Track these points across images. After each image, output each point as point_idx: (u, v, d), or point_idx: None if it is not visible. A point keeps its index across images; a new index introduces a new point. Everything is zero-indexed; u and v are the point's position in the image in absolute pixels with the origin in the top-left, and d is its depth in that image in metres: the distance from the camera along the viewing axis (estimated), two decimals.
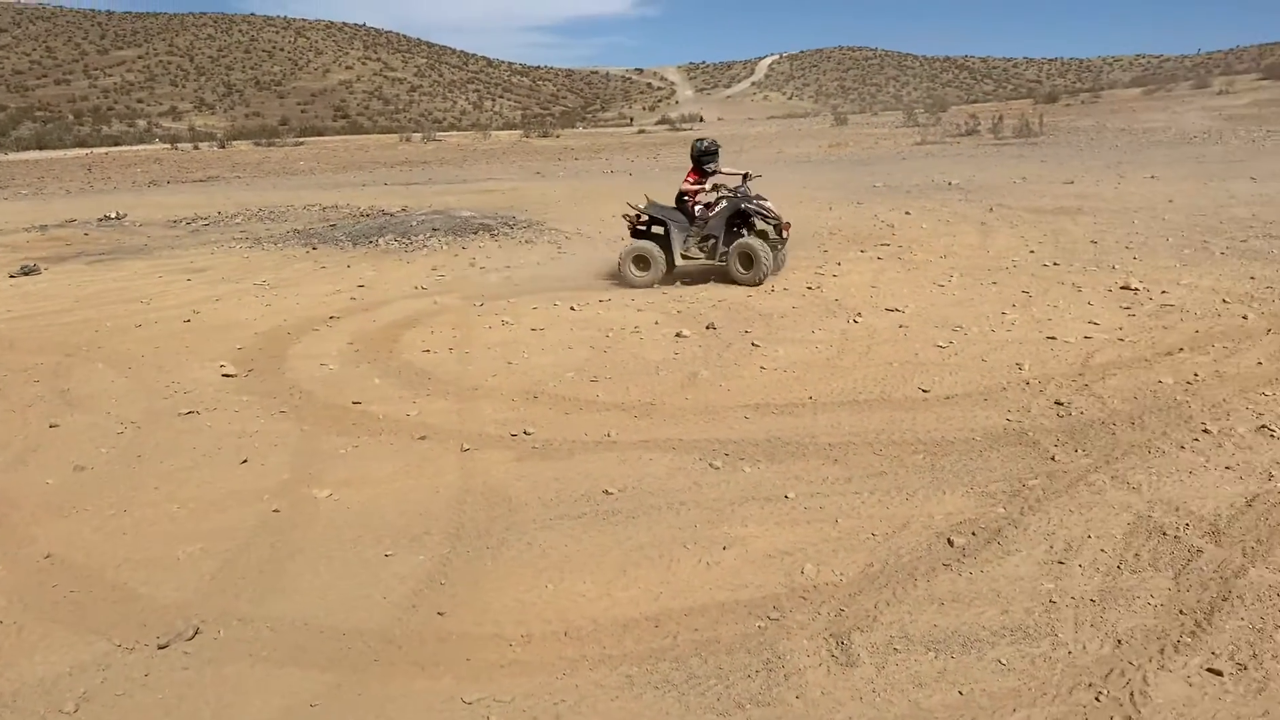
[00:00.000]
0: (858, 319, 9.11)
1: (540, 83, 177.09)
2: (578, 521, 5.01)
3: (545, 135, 63.76)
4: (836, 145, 40.07)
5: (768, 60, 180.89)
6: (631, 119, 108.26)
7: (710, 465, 5.70)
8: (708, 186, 11.64)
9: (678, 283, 11.25)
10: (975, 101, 79.95)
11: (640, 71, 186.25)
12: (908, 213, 16.09)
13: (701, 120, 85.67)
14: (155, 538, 4.98)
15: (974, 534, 4.66)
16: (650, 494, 5.32)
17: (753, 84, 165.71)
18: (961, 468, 5.54)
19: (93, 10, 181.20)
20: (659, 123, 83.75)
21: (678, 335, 8.80)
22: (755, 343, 8.41)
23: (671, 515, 5.03)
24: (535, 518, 5.06)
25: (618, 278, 11.52)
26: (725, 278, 11.17)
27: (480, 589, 4.31)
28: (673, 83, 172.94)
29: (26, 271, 13.97)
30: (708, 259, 11.34)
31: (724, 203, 11.34)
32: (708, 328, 9.01)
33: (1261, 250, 11.51)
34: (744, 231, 11.17)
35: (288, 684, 3.64)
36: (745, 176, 11.58)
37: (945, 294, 10.08)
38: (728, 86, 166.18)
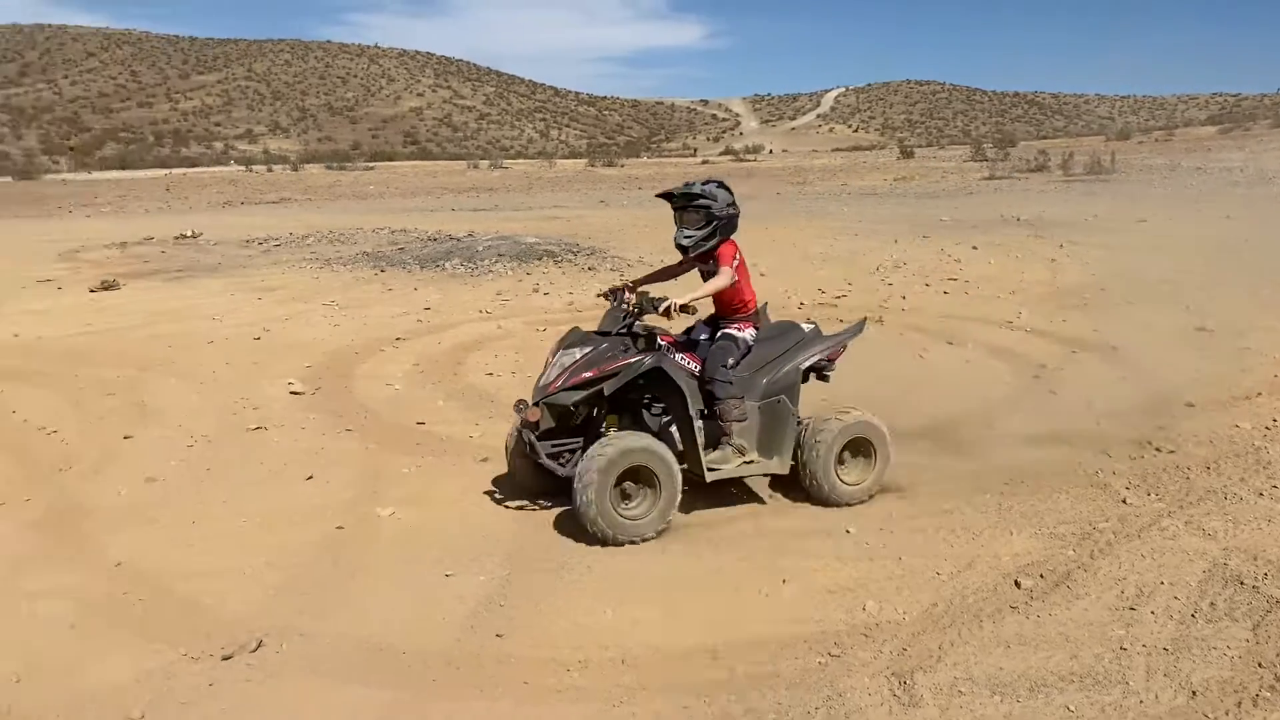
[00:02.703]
0: (923, 354, 9.00)
1: (606, 112, 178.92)
2: (638, 548, 4.99)
3: (610, 164, 64.30)
4: (902, 179, 39.80)
5: (834, 93, 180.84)
6: (695, 150, 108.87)
7: (771, 495, 5.65)
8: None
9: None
10: (1045, 137, 79.09)
11: (705, 103, 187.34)
12: (975, 248, 15.91)
13: (770, 152, 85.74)
14: (222, 550, 5.07)
15: (1042, 576, 4.55)
16: (710, 524, 5.30)
17: (818, 116, 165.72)
18: (1029, 508, 5.43)
19: (176, 36, 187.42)
20: (723, 153, 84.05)
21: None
22: None
23: (733, 546, 5.00)
24: (594, 543, 5.06)
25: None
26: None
27: (539, 612, 4.32)
28: (738, 114, 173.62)
29: (106, 286, 14.41)
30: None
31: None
32: None
33: None
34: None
35: (348, 701, 3.67)
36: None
37: (1013, 331, 9.92)
38: (793, 118, 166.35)
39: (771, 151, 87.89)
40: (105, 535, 5.27)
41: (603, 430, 5.36)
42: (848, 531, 5.13)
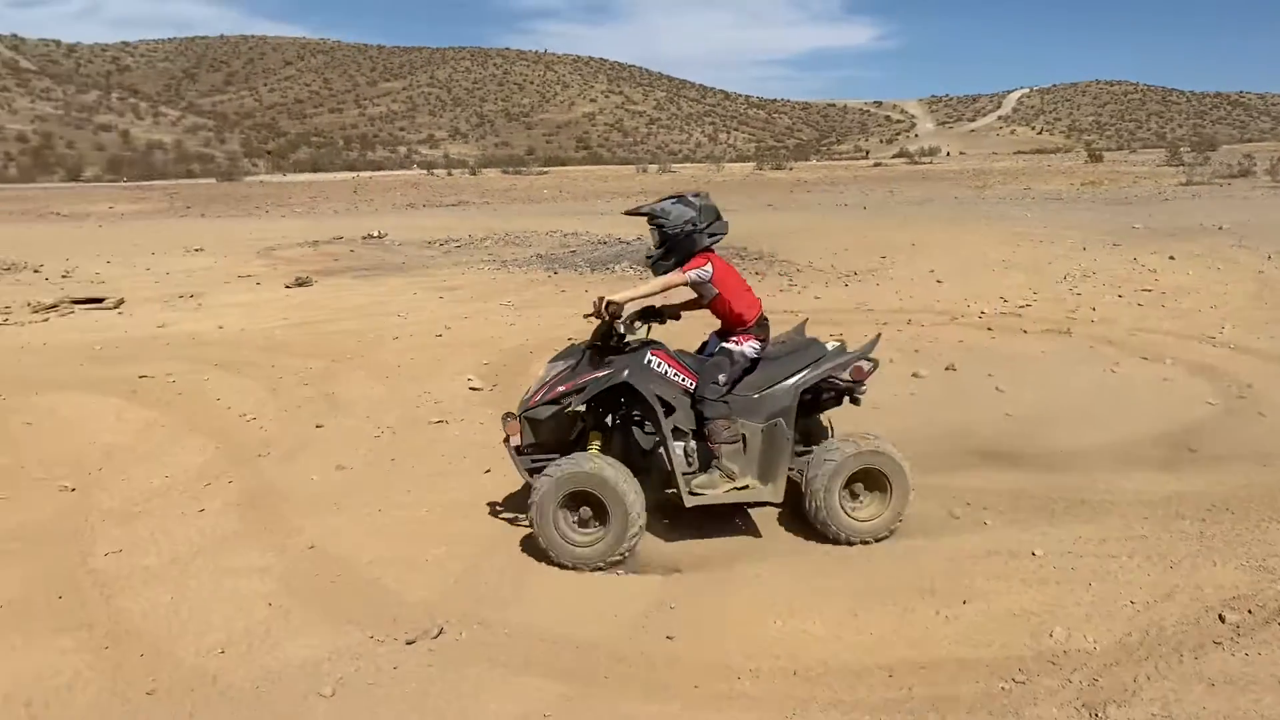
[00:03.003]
0: (1115, 369, 8.51)
1: (776, 115, 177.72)
2: (808, 560, 4.91)
3: (778, 168, 63.85)
4: (1090, 183, 37.78)
5: (1016, 94, 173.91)
6: (867, 152, 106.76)
7: (950, 514, 5.45)
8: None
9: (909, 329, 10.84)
10: (1250, 140, 73.65)
11: (879, 104, 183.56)
12: (1171, 257, 14.92)
13: (947, 154, 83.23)
14: (405, 538, 5.28)
15: (1250, 611, 4.21)
16: (886, 539, 5.14)
17: (999, 118, 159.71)
18: (1235, 537, 5.03)
19: (365, 45, 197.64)
20: (896, 156, 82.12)
21: (915, 375, 8.51)
22: (1000, 387, 8.01)
23: (907, 562, 4.85)
24: (765, 551, 5.00)
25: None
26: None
27: (709, 617, 4.30)
28: (913, 116, 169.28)
29: (300, 283, 15.31)
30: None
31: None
32: (947, 369, 8.67)
33: None
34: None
35: (523, 691, 3.75)
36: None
37: (1215, 347, 9.25)
38: (972, 120, 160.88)
39: (949, 154, 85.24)
40: (299, 519, 5.58)
41: (585, 448, 5.14)
42: (1033, 554, 4.88)
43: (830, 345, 5.39)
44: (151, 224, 30.87)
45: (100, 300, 13.46)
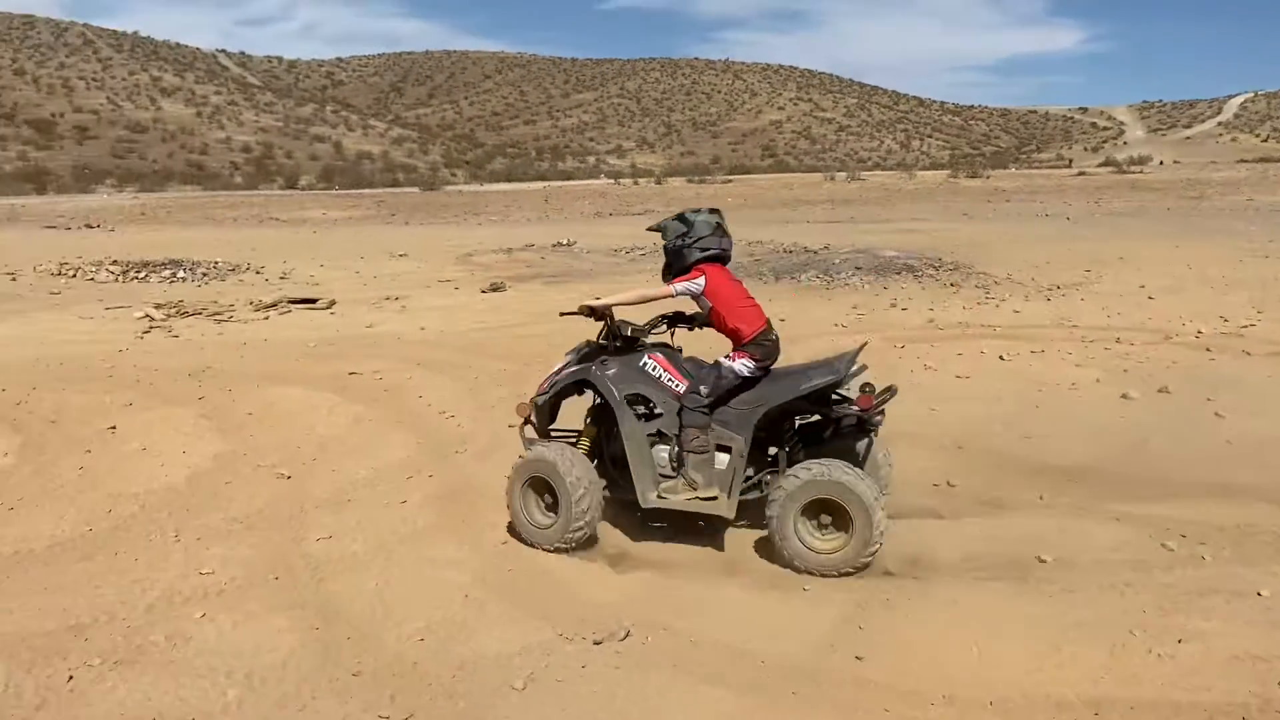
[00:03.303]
0: None
1: (972, 122, 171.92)
2: (1007, 586, 4.69)
3: (974, 176, 61.65)
4: None
5: (1239, 98, 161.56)
6: (1070, 160, 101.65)
7: (1163, 545, 5.09)
8: None
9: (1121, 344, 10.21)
10: None
11: (1084, 110, 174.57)
12: None
13: (1161, 163, 78.18)
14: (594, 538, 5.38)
15: None
16: (1091, 568, 4.86)
17: (1219, 124, 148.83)
18: None
19: (560, 58, 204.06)
20: (1102, 164, 77.77)
21: (1123, 396, 8.02)
22: (1220, 413, 7.43)
23: (1116, 595, 4.55)
24: (960, 575, 4.82)
25: None
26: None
27: (899, 640, 4.17)
28: (1121, 122, 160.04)
29: (495, 288, 15.93)
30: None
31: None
32: (1160, 391, 8.12)
33: None
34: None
35: (707, 700, 3.75)
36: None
37: None
38: (1187, 127, 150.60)
39: (1161, 163, 79.98)
40: (493, 514, 5.77)
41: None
42: (1259, 594, 4.50)
43: (852, 368, 5.12)
44: (360, 230, 32.87)
45: (314, 301, 14.41)
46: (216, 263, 19.88)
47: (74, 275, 17.77)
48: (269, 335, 11.70)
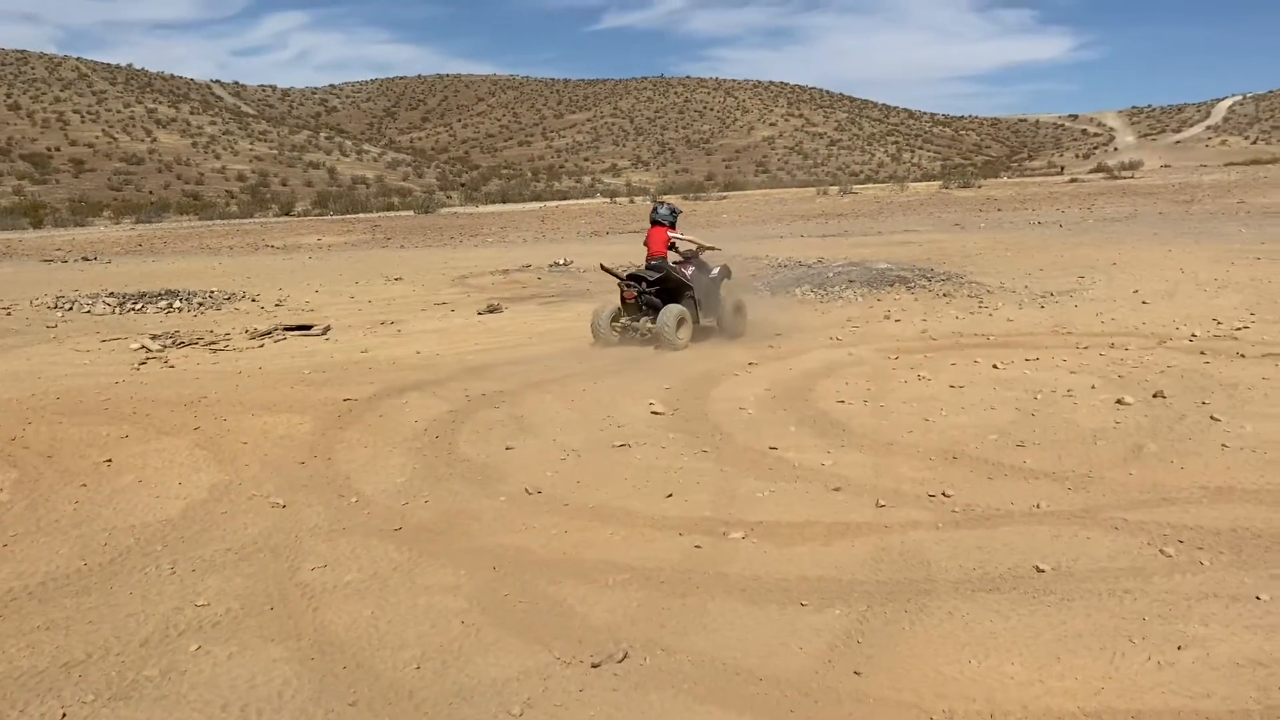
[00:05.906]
0: None
1: (963, 132, 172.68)
2: (1005, 597, 4.67)
3: (965, 186, 61.81)
4: None
5: (1227, 102, 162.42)
6: (1062, 168, 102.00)
7: (1161, 552, 5.07)
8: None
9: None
10: None
11: (1074, 118, 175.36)
12: None
13: (1151, 167, 78.39)
14: (590, 560, 5.36)
15: None
16: (1088, 576, 4.84)
17: (1208, 128, 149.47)
18: None
19: (552, 79, 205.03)
20: (1094, 170, 78.00)
21: (1119, 402, 8.01)
22: (1216, 416, 7.43)
23: (1114, 603, 4.53)
24: (957, 586, 4.80)
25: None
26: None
27: (898, 653, 4.15)
28: (1111, 128, 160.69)
29: (491, 310, 15.94)
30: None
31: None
32: (1155, 395, 8.12)
33: None
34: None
35: None
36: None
37: None
38: (1177, 131, 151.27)
39: (1149, 167, 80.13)
40: (488, 537, 5.75)
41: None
42: (1258, 599, 4.48)
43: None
44: (355, 255, 32.89)
45: (309, 327, 14.42)
46: (212, 292, 19.89)
47: (70, 308, 17.77)
48: (264, 363, 11.70)
